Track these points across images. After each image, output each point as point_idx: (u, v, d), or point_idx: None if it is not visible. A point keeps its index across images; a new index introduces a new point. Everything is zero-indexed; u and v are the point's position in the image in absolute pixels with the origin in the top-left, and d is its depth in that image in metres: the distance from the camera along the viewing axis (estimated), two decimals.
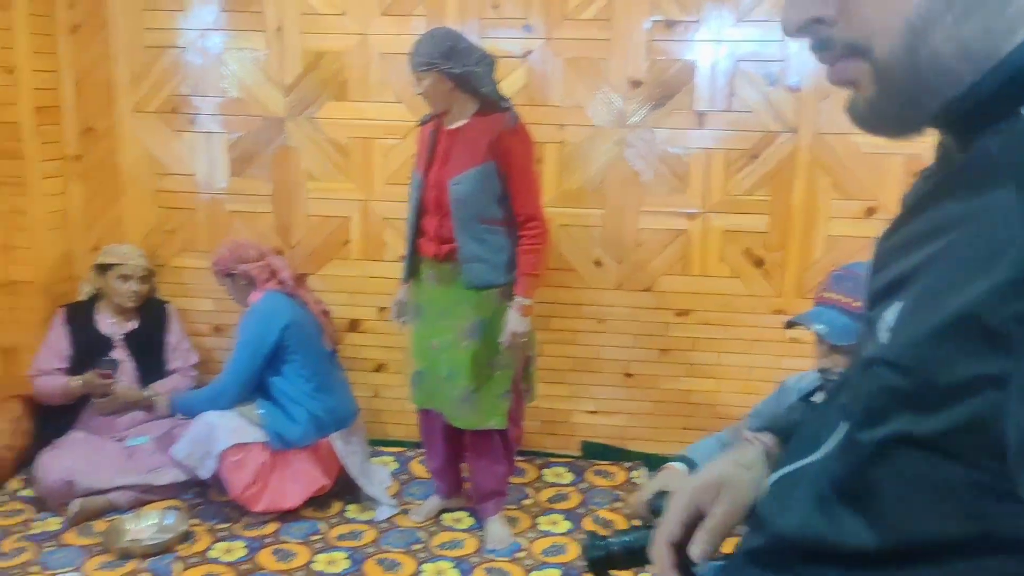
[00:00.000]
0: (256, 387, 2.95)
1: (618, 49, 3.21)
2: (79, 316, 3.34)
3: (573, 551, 2.82)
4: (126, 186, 3.54)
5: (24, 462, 3.22)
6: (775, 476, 0.76)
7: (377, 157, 3.42)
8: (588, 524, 2.99)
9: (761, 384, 3.22)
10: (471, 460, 2.91)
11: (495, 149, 2.57)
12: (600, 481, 3.32)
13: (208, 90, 3.44)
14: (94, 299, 3.39)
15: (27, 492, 3.10)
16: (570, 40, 3.23)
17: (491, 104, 2.62)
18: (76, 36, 3.42)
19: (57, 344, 3.27)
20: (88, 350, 3.28)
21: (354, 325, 3.54)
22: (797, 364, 3.02)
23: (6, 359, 3.43)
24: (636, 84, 3.22)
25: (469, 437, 2.86)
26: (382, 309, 3.54)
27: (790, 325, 1.81)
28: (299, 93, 3.40)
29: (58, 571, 2.61)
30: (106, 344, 3.31)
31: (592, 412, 3.52)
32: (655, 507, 1.51)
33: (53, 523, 2.91)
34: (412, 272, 2.84)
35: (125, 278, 3.30)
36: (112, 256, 3.32)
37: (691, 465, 1.64)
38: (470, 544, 2.85)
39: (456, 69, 2.53)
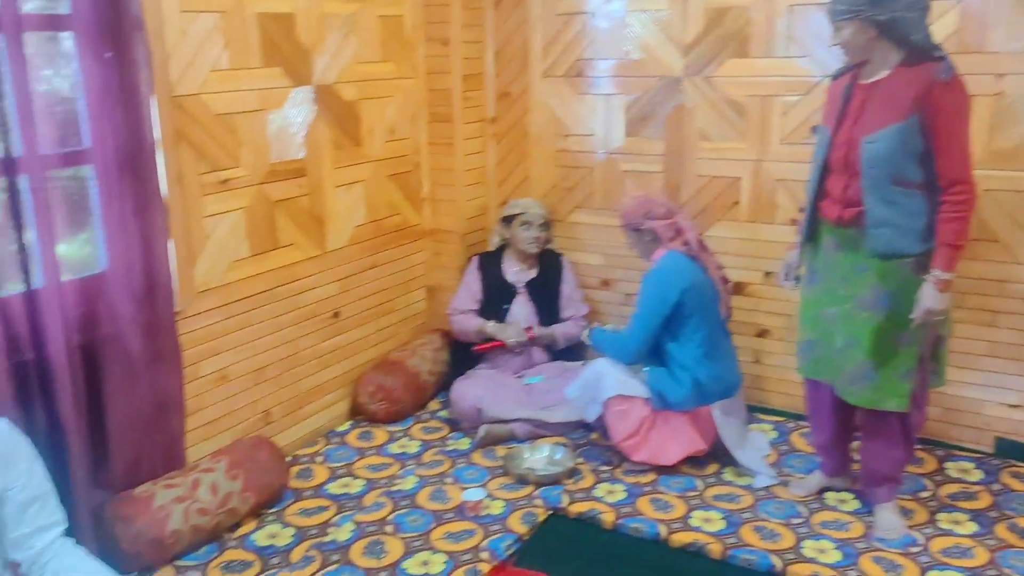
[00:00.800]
0: (654, 347, 3.01)
1: None
2: (489, 264, 3.73)
3: (981, 556, 2.51)
4: (533, 146, 3.85)
5: (441, 387, 3.72)
6: None
7: (775, 115, 3.29)
8: (1002, 531, 2.63)
9: None
10: (864, 440, 2.71)
11: (922, 103, 2.32)
12: (1018, 485, 2.89)
13: (610, 53, 3.58)
14: (501, 249, 3.76)
15: (443, 413, 3.58)
16: None
17: (920, 53, 2.36)
18: (499, 8, 3.76)
19: (472, 287, 3.69)
20: (495, 295, 3.67)
21: (738, 288, 3.47)
22: None
23: (431, 297, 3.97)
24: None
25: (862, 416, 2.67)
26: (768, 273, 3.43)
27: None
28: (698, 52, 3.38)
29: (468, 485, 2.97)
30: (510, 290, 3.66)
31: (1013, 406, 3.07)
32: None
33: (464, 443, 3.32)
34: (810, 235, 2.69)
35: (527, 225, 3.60)
36: (515, 208, 3.65)
37: None
38: (856, 528, 2.68)
39: (882, 16, 2.31)
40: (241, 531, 2.71)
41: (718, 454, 3.07)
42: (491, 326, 3.57)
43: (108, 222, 2.47)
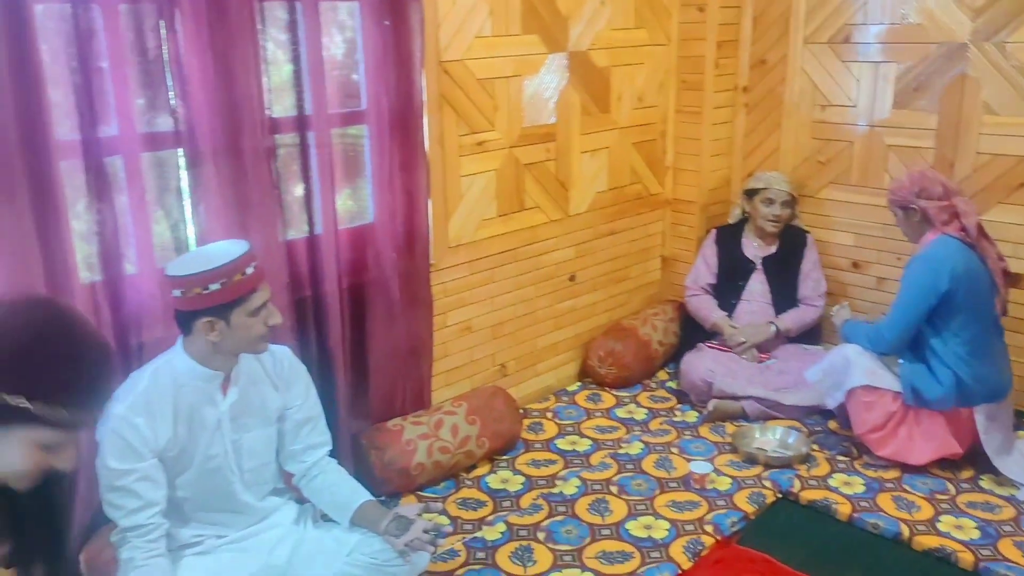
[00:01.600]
0: (913, 340, 2.78)
1: None
2: (728, 237, 3.63)
3: None
4: (786, 116, 3.67)
5: (670, 358, 3.70)
6: None
7: None
8: None
9: None
10: None
11: None
12: None
13: (884, 17, 3.31)
14: (742, 223, 3.64)
15: (671, 384, 3.57)
16: None
17: None
18: None
19: (709, 261, 3.62)
20: (732, 270, 3.57)
21: (1016, 280, 3.11)
22: None
23: (666, 267, 3.95)
24: None
25: None
26: None
27: None
28: (991, 15, 3.04)
29: (693, 457, 2.95)
30: (748, 266, 3.54)
31: None
32: None
33: (691, 415, 3.29)
34: None
35: (769, 202, 3.46)
36: (759, 181, 3.51)
37: None
38: None
39: None
40: (476, 472, 2.90)
41: (976, 459, 2.80)
42: (728, 329, 3.42)
43: (378, 177, 2.70)
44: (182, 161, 2.28)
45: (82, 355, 1.13)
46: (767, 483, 2.78)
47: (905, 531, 2.51)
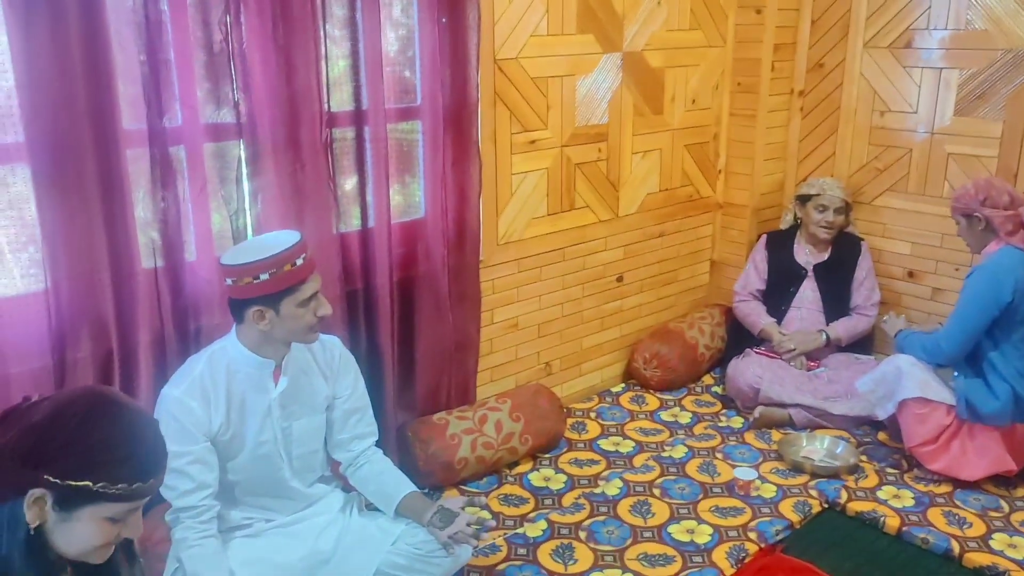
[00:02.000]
0: (970, 352, 2.71)
1: None
2: (779, 243, 3.58)
3: None
4: (843, 122, 3.61)
5: (716, 363, 3.67)
6: None
7: None
8: None
9: None
10: None
11: None
12: None
13: (948, 22, 3.24)
14: (793, 229, 3.58)
15: (717, 389, 3.53)
16: None
17: None
18: None
19: (759, 266, 3.57)
20: (782, 277, 3.51)
21: None
22: None
23: (715, 270, 3.91)
24: None
25: None
26: None
27: None
28: None
29: (738, 463, 2.92)
30: (799, 273, 3.49)
31: None
32: None
33: (736, 421, 3.26)
34: None
35: (822, 208, 3.40)
36: (813, 187, 3.45)
37: None
38: None
39: None
40: (518, 469, 2.91)
41: None
42: (777, 336, 3.37)
43: (430, 173, 2.72)
44: (242, 152, 2.32)
45: (132, 433, 1.24)
46: (813, 492, 2.74)
47: (956, 547, 2.45)
